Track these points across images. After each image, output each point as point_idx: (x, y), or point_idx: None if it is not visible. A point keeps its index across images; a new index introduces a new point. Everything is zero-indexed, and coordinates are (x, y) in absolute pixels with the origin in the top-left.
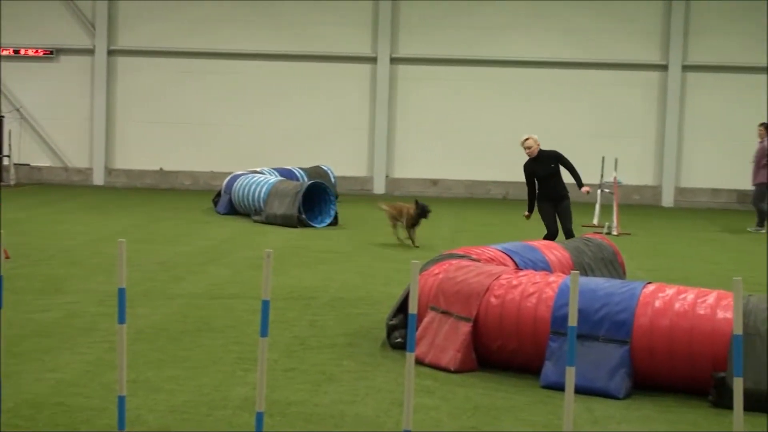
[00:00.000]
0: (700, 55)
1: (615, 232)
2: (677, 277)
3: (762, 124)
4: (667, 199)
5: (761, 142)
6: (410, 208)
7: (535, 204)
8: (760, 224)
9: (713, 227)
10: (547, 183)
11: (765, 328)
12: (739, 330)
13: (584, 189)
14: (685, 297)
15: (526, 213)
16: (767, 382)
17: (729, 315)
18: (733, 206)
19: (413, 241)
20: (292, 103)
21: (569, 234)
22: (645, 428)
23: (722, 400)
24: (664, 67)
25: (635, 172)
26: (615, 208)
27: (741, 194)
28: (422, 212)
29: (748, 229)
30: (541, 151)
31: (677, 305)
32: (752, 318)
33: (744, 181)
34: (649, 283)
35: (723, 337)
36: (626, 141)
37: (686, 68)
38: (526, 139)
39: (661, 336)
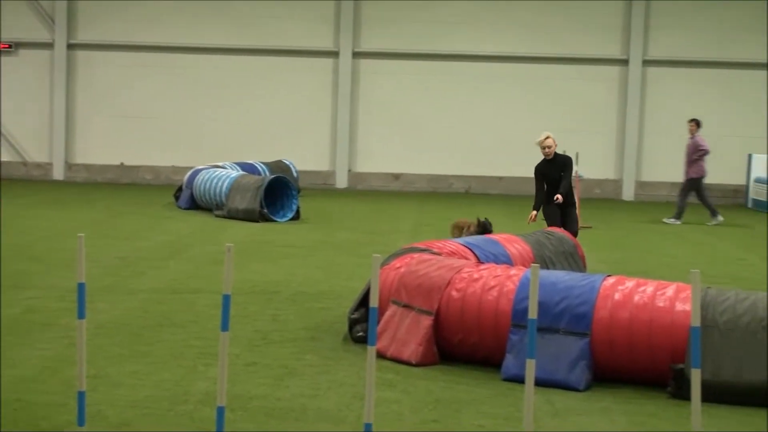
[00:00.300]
0: (661, 50)
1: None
2: (637, 269)
3: (691, 120)
4: (628, 193)
5: (692, 138)
6: (472, 224)
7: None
8: (678, 217)
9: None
10: (557, 187)
11: (723, 320)
12: (697, 322)
13: (557, 196)
14: (645, 290)
15: (533, 213)
16: (725, 374)
17: (687, 307)
18: (692, 200)
19: None
20: (255, 97)
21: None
22: (605, 420)
23: (681, 391)
24: (624, 62)
25: (597, 167)
26: (576, 202)
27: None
28: (483, 230)
29: (707, 224)
30: (556, 154)
31: (637, 298)
32: (710, 310)
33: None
34: (609, 276)
35: (681, 329)
36: (587, 135)
37: (647, 63)
38: (546, 138)
39: (621, 328)
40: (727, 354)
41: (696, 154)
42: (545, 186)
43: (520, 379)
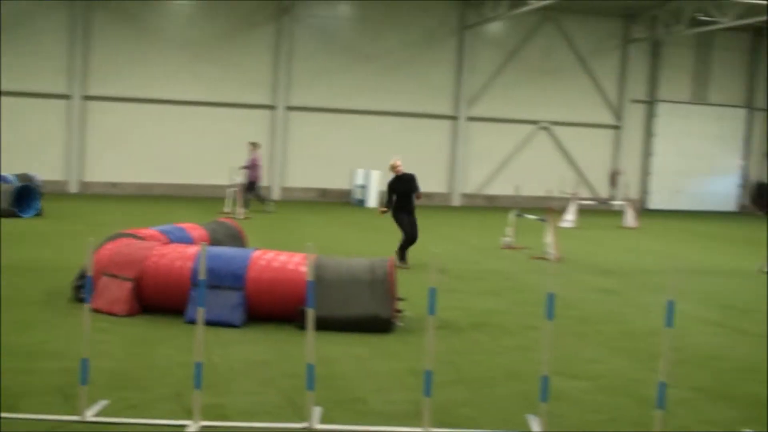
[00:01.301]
0: (298, 99)
1: (241, 217)
2: (280, 245)
3: (250, 143)
4: (277, 194)
5: (252, 155)
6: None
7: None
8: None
9: (309, 212)
10: (406, 199)
11: (332, 277)
12: (312, 277)
13: (383, 209)
14: (281, 258)
15: (383, 209)
16: (335, 311)
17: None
18: (317, 199)
19: None
20: None
21: (416, 238)
22: (255, 346)
23: (303, 324)
24: (273, 107)
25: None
26: (239, 201)
27: (322, 191)
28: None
29: (234, 210)
30: (404, 173)
31: (276, 263)
32: (323, 270)
33: (324, 182)
34: (257, 249)
35: (304, 283)
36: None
37: (289, 108)
38: (397, 162)
39: (265, 283)
40: (334, 298)
41: (252, 165)
42: (395, 197)
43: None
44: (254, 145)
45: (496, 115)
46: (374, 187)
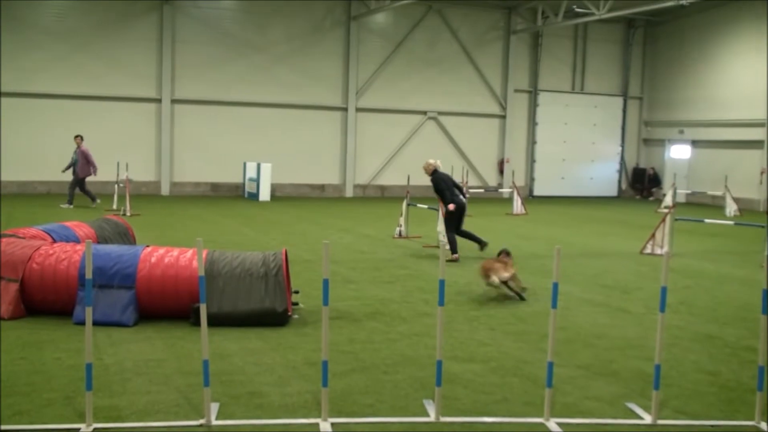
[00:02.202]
0: (184, 93)
1: (128, 214)
2: (173, 241)
3: (77, 136)
4: (165, 189)
5: (79, 148)
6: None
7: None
8: (70, 202)
9: (200, 207)
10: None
11: (224, 272)
12: (202, 273)
13: (450, 206)
14: (172, 254)
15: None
16: (226, 307)
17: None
18: (209, 193)
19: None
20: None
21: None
22: (148, 345)
23: (198, 321)
24: (158, 101)
25: (142, 171)
26: (128, 197)
27: (213, 185)
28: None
29: (61, 206)
30: (434, 171)
31: (167, 259)
32: (216, 265)
33: (215, 176)
34: (147, 246)
35: (197, 279)
36: (132, 150)
37: (174, 101)
38: (427, 162)
39: (156, 281)
40: (227, 293)
41: (83, 160)
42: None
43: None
44: (81, 138)
45: (386, 106)
46: (266, 180)
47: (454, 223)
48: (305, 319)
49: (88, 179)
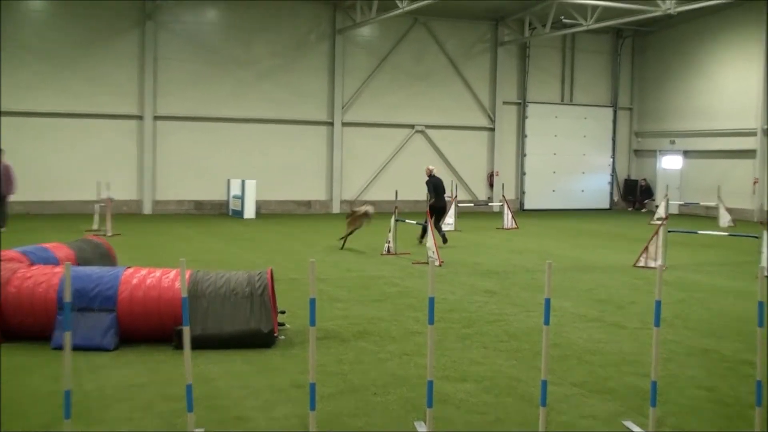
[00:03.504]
0: (166, 109)
1: (109, 234)
2: (153, 262)
3: None
4: (147, 208)
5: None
6: (357, 212)
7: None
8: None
9: (184, 226)
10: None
11: (208, 292)
12: (185, 294)
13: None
14: (154, 275)
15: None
16: (211, 329)
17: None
18: (192, 212)
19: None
20: None
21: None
22: (129, 370)
23: (181, 344)
24: (140, 117)
25: (124, 190)
26: (108, 217)
27: (197, 203)
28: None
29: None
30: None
31: (149, 281)
32: (199, 285)
33: (199, 194)
34: (129, 267)
35: (180, 300)
36: (114, 168)
37: (157, 118)
38: (430, 167)
39: (138, 303)
40: (212, 315)
41: (6, 176)
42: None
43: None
44: (3, 153)
45: (372, 120)
46: (251, 197)
47: (433, 217)
48: (292, 340)
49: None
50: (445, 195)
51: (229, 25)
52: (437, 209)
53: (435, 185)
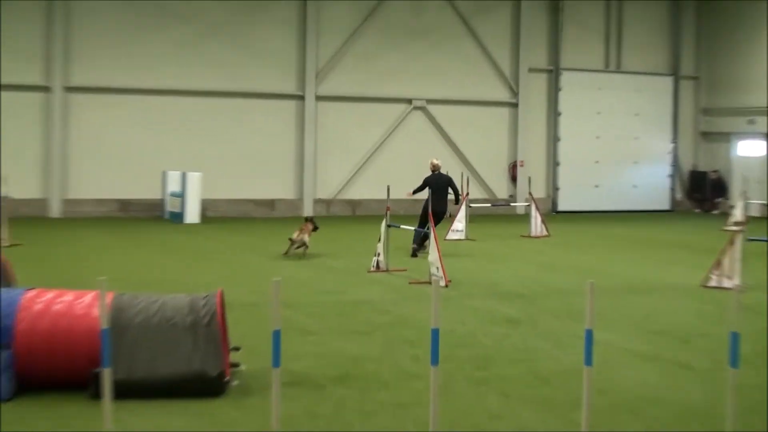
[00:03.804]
0: (81, 78)
1: (5, 244)
2: (63, 282)
3: None
4: (55, 210)
5: None
6: (306, 226)
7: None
8: None
9: (104, 233)
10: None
11: (137, 321)
12: (106, 324)
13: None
14: (64, 299)
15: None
16: (139, 371)
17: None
18: (116, 214)
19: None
20: None
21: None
22: (30, 425)
23: (98, 392)
24: (47, 89)
25: (24, 186)
26: (3, 221)
27: (122, 203)
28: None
29: None
30: (439, 172)
31: (57, 306)
32: (125, 313)
33: (124, 191)
34: (31, 288)
35: (98, 334)
36: (10, 158)
37: (68, 89)
38: (435, 160)
39: (42, 337)
40: (141, 352)
41: None
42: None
43: None
44: None
45: (356, 93)
46: (194, 195)
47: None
48: (249, 387)
49: None
50: (457, 195)
51: None
52: (437, 214)
53: (437, 184)
